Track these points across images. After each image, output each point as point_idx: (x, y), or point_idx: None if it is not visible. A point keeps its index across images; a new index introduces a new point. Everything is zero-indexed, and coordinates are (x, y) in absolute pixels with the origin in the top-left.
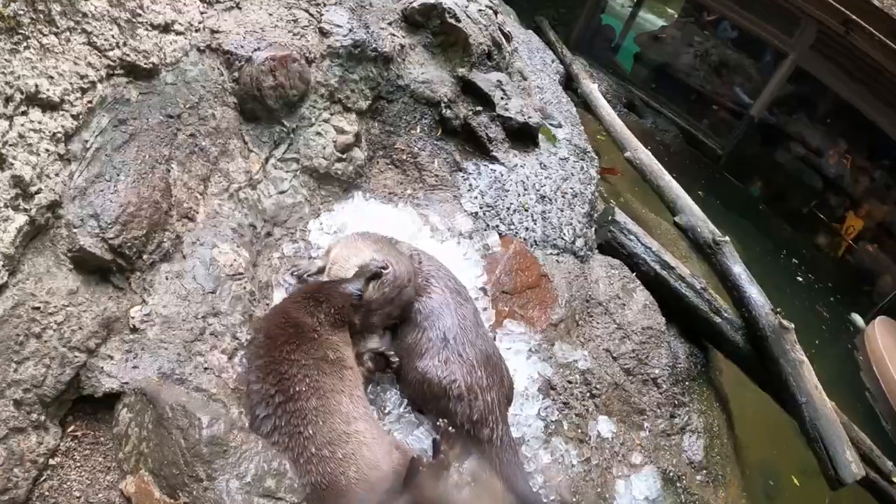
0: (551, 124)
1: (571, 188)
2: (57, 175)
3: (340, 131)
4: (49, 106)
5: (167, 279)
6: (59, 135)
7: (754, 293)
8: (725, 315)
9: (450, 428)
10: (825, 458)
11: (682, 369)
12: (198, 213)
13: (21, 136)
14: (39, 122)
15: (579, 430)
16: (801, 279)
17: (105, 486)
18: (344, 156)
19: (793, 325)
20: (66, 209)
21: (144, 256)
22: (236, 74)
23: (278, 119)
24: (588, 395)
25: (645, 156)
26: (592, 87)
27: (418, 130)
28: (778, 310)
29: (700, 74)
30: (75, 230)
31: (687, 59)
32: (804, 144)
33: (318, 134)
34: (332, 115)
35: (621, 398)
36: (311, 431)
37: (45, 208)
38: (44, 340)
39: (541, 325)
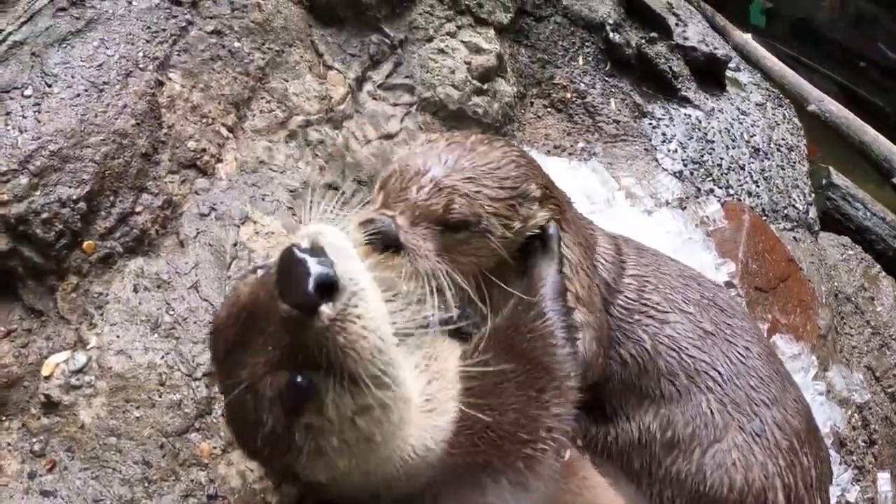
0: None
1: (784, 139)
2: None
3: (476, 49)
4: None
5: (136, 291)
6: None
7: None
8: None
9: None
10: None
11: None
12: (221, 160)
13: None
14: None
15: None
16: None
17: None
18: (484, 86)
19: None
20: None
21: (86, 244)
22: None
23: (374, 24)
24: (868, 442)
25: (835, 107)
26: (747, 38)
27: (581, 62)
28: None
29: (840, 28)
30: None
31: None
32: None
33: (442, 52)
34: (458, 27)
35: (889, 438)
36: None
37: None
38: None
39: (809, 338)
